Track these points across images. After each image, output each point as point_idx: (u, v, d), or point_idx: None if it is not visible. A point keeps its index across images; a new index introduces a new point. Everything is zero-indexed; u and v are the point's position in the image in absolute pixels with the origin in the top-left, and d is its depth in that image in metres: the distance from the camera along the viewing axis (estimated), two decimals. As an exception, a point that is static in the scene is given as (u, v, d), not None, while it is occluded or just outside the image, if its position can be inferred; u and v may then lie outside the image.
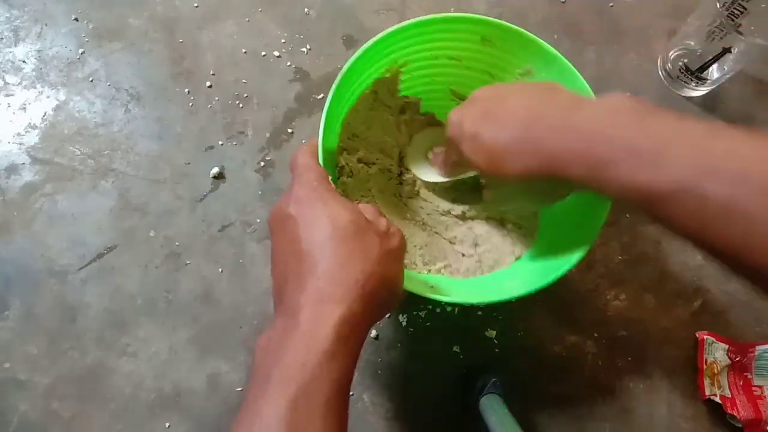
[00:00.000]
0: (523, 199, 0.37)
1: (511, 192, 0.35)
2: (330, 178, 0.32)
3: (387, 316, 0.47)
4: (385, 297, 0.28)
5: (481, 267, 0.44)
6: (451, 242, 0.46)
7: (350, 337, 0.26)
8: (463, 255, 0.45)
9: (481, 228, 0.46)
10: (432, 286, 0.39)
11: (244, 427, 0.24)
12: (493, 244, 0.45)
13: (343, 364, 0.25)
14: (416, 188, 0.47)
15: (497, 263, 0.44)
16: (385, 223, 0.31)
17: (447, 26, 0.41)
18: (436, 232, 0.46)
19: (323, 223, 0.28)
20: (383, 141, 0.46)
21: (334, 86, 0.37)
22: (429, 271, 0.43)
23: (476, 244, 0.45)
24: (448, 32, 0.42)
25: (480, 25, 0.41)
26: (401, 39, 0.41)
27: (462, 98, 0.48)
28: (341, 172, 0.43)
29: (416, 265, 0.43)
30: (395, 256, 0.29)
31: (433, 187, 0.47)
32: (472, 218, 0.47)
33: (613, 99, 0.29)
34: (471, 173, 0.42)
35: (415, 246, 0.44)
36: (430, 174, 0.46)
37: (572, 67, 0.39)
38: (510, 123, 0.31)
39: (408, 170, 0.48)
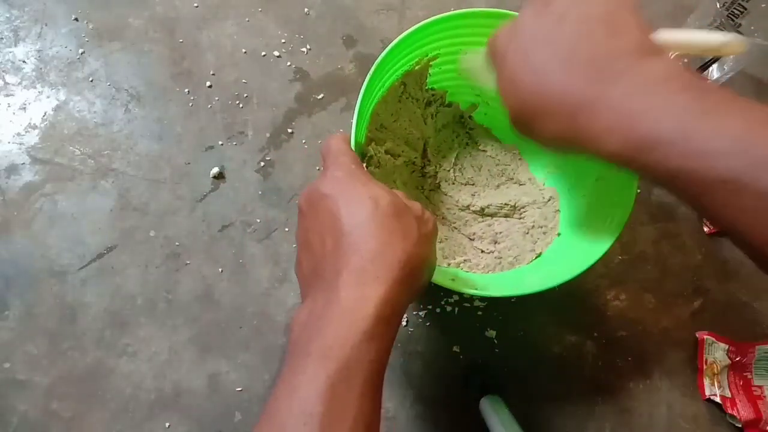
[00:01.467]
0: (547, 148, 0.33)
1: (536, 138, 0.31)
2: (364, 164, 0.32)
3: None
4: (422, 279, 0.28)
5: (501, 263, 0.44)
6: (470, 238, 0.46)
7: (390, 319, 0.26)
8: (483, 251, 0.45)
9: (500, 225, 0.47)
10: (453, 279, 0.40)
11: (282, 401, 0.24)
12: (513, 241, 0.45)
13: (382, 346, 0.25)
14: (437, 181, 0.48)
15: (517, 260, 0.44)
16: (419, 207, 0.31)
17: (477, 21, 0.41)
18: (455, 228, 0.47)
19: (365, 203, 0.27)
20: (409, 133, 0.47)
21: (367, 77, 0.37)
22: (449, 264, 0.43)
23: (495, 242, 0.46)
24: (478, 27, 0.41)
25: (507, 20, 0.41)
26: (432, 32, 0.41)
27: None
28: (369, 162, 0.43)
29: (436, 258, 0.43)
30: (430, 239, 0.30)
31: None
32: (492, 215, 0.47)
33: (663, 68, 0.26)
34: None
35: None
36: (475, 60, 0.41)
37: None
38: (552, 74, 0.28)
39: (430, 162, 0.48)
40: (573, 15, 0.29)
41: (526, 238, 0.45)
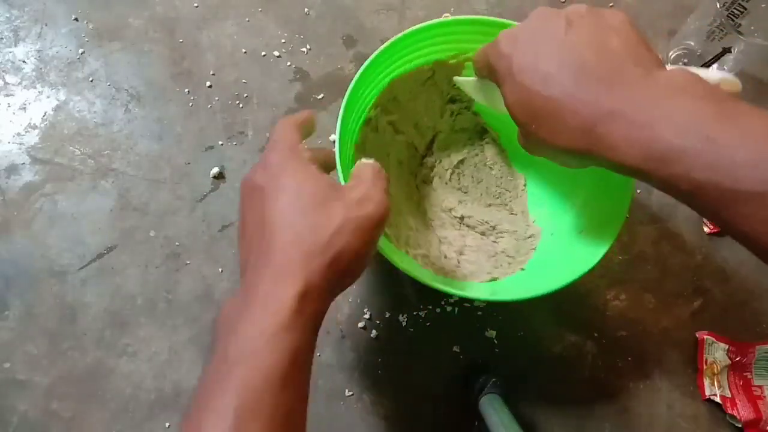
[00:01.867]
0: (555, 160, 0.32)
1: (543, 151, 0.31)
2: (303, 145, 0.30)
3: (386, 314, 0.47)
4: (351, 267, 0.27)
5: (455, 273, 0.44)
6: (440, 240, 0.46)
7: (306, 310, 0.25)
8: (445, 256, 0.45)
9: (472, 240, 0.46)
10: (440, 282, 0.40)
11: (200, 401, 0.24)
12: (476, 258, 0.45)
13: (301, 337, 0.25)
14: (432, 175, 0.48)
15: (471, 276, 0.44)
16: (364, 189, 0.29)
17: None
18: (431, 226, 0.47)
19: (287, 194, 0.27)
20: (421, 118, 0.47)
21: (394, 39, 0.38)
22: (406, 251, 0.43)
23: (461, 253, 0.45)
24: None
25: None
26: (471, 33, 0.41)
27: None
28: (368, 123, 0.43)
29: (398, 241, 0.43)
30: (365, 224, 0.27)
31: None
32: (469, 227, 0.47)
33: (683, 77, 0.25)
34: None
35: (408, 226, 0.44)
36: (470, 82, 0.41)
37: None
38: (560, 77, 0.27)
39: (432, 155, 0.48)
40: (583, 24, 0.29)
41: (490, 261, 0.45)
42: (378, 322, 0.47)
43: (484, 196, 0.49)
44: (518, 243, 0.46)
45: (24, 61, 0.53)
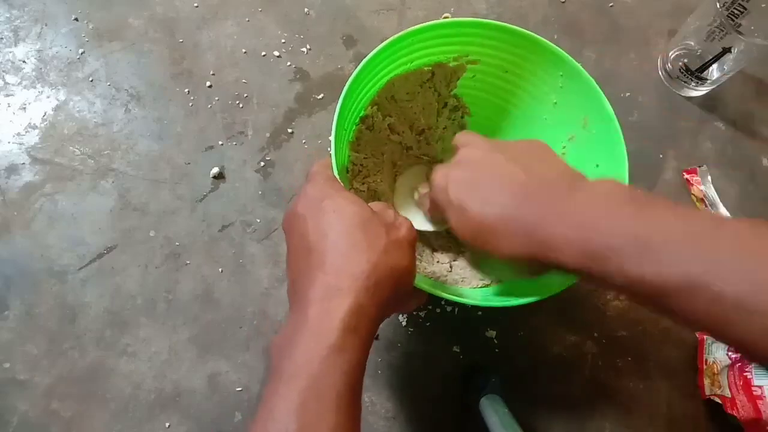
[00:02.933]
0: (508, 273, 0.36)
1: (495, 264, 0.35)
2: (339, 179, 0.32)
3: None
4: (397, 288, 0.28)
5: (446, 278, 0.44)
6: (433, 249, 0.46)
7: (359, 329, 0.26)
8: (438, 261, 0.45)
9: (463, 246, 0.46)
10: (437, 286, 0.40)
11: (259, 424, 0.24)
12: (467, 266, 0.45)
13: (353, 357, 0.25)
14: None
15: (463, 282, 0.44)
16: (392, 214, 0.31)
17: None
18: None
19: (329, 218, 0.28)
20: (417, 119, 0.46)
21: (390, 39, 0.38)
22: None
23: (454, 259, 0.46)
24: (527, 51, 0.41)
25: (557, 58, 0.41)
26: (476, 36, 0.41)
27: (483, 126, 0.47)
28: (362, 121, 0.43)
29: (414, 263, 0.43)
30: (403, 245, 0.29)
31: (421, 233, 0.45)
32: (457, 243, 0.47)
33: (607, 185, 0.28)
34: None
35: None
36: (417, 218, 0.43)
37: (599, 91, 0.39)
38: (499, 199, 0.30)
39: (429, 145, 0.48)
40: (508, 151, 0.32)
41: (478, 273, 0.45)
42: (378, 322, 0.46)
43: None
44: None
45: (24, 61, 0.53)
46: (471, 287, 0.43)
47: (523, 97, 0.45)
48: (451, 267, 0.45)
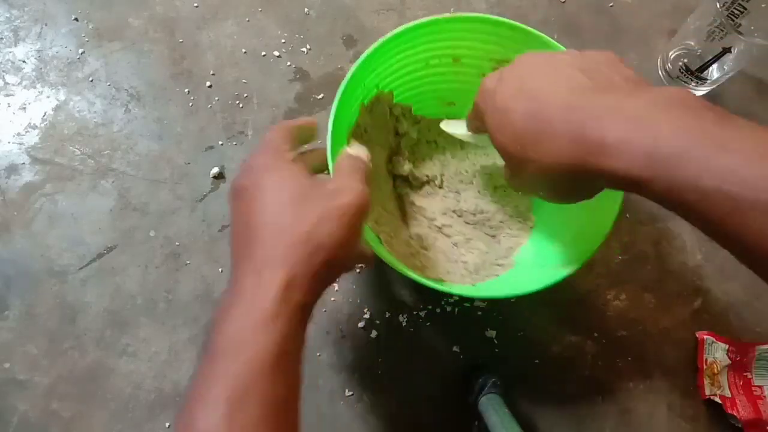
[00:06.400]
0: (546, 192, 0.31)
1: (533, 180, 0.29)
2: (288, 148, 0.31)
3: (386, 314, 0.47)
4: (336, 256, 0.28)
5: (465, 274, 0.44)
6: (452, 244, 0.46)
7: (292, 299, 0.26)
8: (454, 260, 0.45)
9: (442, 243, 0.46)
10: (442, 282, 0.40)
11: (190, 403, 0.24)
12: (478, 248, 0.45)
13: (287, 325, 0.25)
14: (422, 181, 0.48)
15: (449, 275, 0.44)
16: (340, 180, 0.30)
17: (451, 26, 0.41)
18: (408, 224, 0.46)
19: (269, 193, 0.28)
20: (385, 140, 0.47)
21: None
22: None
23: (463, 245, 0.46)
24: (450, 32, 0.42)
25: (487, 25, 0.41)
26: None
27: (451, 104, 0.48)
28: (357, 124, 0.43)
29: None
30: (344, 212, 0.28)
31: (458, 142, 0.46)
32: (447, 235, 0.47)
33: (681, 92, 0.24)
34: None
35: (408, 236, 0.44)
36: (457, 125, 0.40)
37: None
38: (552, 96, 0.26)
39: (410, 163, 0.48)
40: (568, 55, 0.30)
41: (492, 246, 0.45)
42: (378, 322, 0.47)
43: (480, 188, 0.48)
44: (485, 263, 0.45)
45: (24, 61, 0.53)
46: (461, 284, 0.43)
47: None
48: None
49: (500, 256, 0.45)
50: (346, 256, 0.29)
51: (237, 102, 0.53)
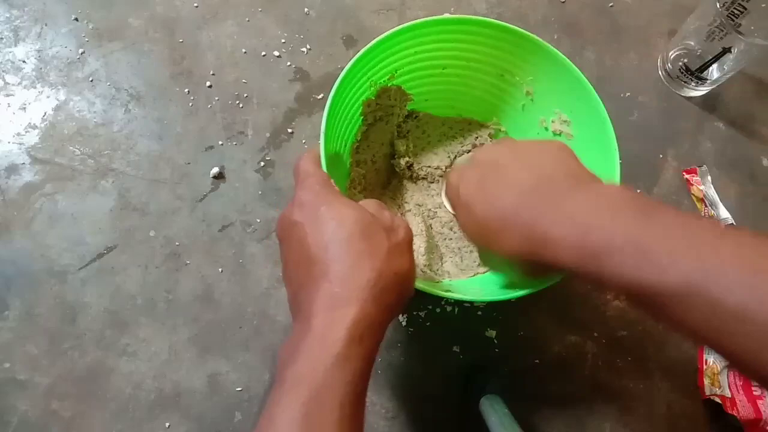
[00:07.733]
0: (513, 273, 0.35)
1: (499, 263, 0.35)
2: (333, 181, 0.32)
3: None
4: (399, 292, 0.28)
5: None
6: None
7: (364, 339, 0.26)
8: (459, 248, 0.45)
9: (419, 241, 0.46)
10: (448, 290, 0.40)
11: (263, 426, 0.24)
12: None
13: (358, 367, 0.25)
14: (421, 175, 0.48)
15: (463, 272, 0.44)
16: (389, 216, 0.31)
17: (453, 27, 0.42)
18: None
19: (330, 226, 0.28)
20: (382, 143, 0.47)
21: (334, 86, 0.37)
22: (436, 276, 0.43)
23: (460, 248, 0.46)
24: (448, 33, 0.42)
25: (487, 28, 0.41)
26: (398, 42, 0.41)
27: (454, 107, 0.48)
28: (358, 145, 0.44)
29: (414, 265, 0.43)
30: (403, 248, 0.29)
31: (458, 140, 0.49)
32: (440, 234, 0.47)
33: (612, 188, 0.28)
34: None
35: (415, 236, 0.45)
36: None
37: (587, 82, 0.39)
38: (503, 199, 0.30)
39: (410, 155, 0.48)
40: (519, 153, 0.32)
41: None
42: (378, 322, 0.47)
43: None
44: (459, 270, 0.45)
45: (24, 61, 0.53)
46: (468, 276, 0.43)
47: (514, 93, 0.45)
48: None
49: None
50: (410, 291, 0.30)
51: (237, 102, 0.53)
